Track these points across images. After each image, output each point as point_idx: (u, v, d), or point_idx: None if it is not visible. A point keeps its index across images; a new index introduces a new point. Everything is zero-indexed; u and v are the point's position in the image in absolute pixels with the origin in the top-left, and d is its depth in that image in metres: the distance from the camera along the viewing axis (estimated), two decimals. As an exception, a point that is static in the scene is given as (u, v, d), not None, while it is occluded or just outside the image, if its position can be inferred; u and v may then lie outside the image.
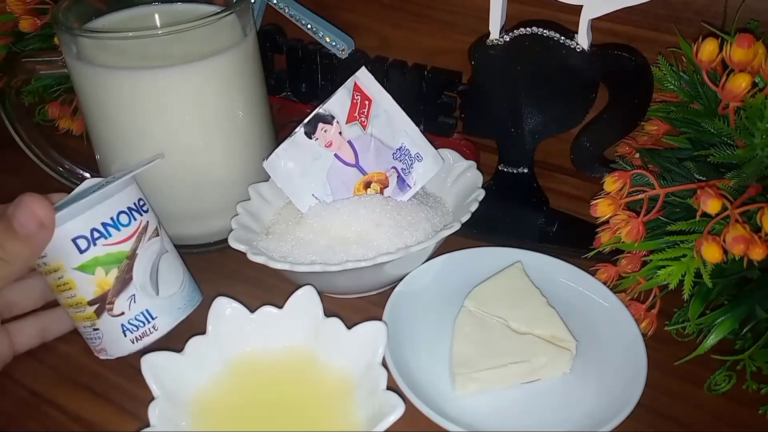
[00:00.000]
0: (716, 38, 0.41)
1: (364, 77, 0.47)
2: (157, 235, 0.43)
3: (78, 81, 0.48)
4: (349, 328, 0.39)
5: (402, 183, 0.49)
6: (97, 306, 0.41)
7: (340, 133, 0.47)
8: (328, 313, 0.41)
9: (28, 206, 0.37)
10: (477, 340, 0.42)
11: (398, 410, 0.34)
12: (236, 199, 0.49)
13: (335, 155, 0.48)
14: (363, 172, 0.48)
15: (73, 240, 0.39)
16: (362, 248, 0.45)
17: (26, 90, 0.67)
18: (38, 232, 0.38)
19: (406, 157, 0.49)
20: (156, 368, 0.37)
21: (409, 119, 0.48)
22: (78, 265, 0.40)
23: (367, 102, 0.47)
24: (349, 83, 0.47)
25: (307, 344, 0.41)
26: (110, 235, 0.40)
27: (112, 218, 0.40)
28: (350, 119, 0.47)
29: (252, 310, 0.41)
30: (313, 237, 0.46)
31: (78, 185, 0.45)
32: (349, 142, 0.47)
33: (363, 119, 0.47)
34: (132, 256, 0.41)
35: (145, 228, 0.42)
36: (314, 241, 0.46)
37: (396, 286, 0.46)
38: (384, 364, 0.37)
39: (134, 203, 0.42)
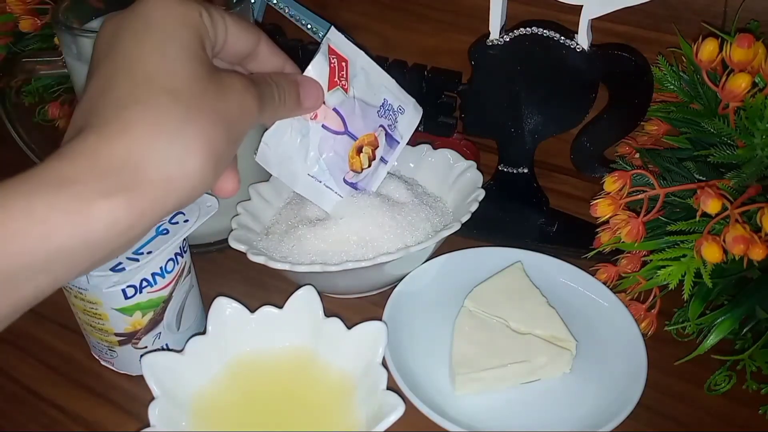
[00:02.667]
0: (716, 38, 0.41)
1: (335, 38, 0.44)
2: (189, 272, 0.43)
3: (78, 81, 0.48)
4: (349, 328, 0.39)
5: (390, 139, 0.48)
6: (123, 338, 0.41)
7: (323, 102, 0.43)
8: (328, 313, 0.41)
9: (317, 86, 0.40)
10: (477, 340, 0.42)
11: (398, 410, 0.34)
12: (236, 199, 0.49)
13: (323, 126, 0.44)
14: (353, 137, 0.46)
15: (122, 288, 0.39)
16: (362, 248, 0.45)
17: (26, 90, 0.67)
18: (313, 106, 0.39)
19: (390, 113, 0.47)
20: (156, 368, 0.37)
21: (386, 73, 0.47)
22: (119, 307, 0.39)
23: (344, 64, 0.44)
24: (323, 47, 0.43)
25: (307, 344, 0.40)
26: (156, 283, 0.40)
27: (161, 267, 0.40)
28: (332, 85, 0.43)
29: (252, 310, 0.41)
30: (313, 237, 0.46)
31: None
32: (334, 110, 0.44)
33: (344, 82, 0.44)
34: (168, 299, 0.41)
35: (183, 269, 0.42)
36: (314, 242, 0.46)
37: (396, 286, 0.46)
38: (384, 364, 0.37)
39: (180, 247, 0.41)
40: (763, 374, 0.40)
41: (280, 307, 0.41)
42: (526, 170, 0.53)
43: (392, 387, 0.37)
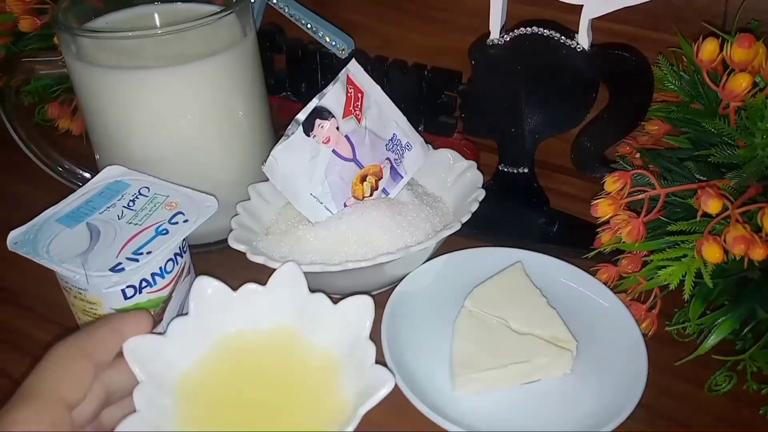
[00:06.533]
0: (717, 38, 0.41)
1: (354, 69, 0.46)
2: (189, 273, 0.43)
3: (77, 81, 0.48)
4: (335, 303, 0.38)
5: (394, 173, 0.49)
6: None
7: (337, 128, 0.46)
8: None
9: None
10: (477, 341, 0.42)
11: (388, 385, 0.32)
12: (236, 199, 0.49)
13: (333, 151, 0.46)
14: (360, 165, 0.48)
15: (122, 289, 0.39)
16: (362, 248, 0.45)
17: (26, 90, 0.67)
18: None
19: (398, 147, 0.49)
20: (139, 352, 0.35)
21: (398, 109, 0.48)
22: (119, 308, 0.39)
23: (360, 95, 0.46)
24: (342, 76, 0.46)
25: (292, 322, 0.39)
26: (156, 284, 0.40)
27: (161, 268, 0.40)
28: (346, 113, 0.46)
29: (234, 288, 0.39)
30: (313, 237, 0.46)
31: (78, 186, 0.45)
32: (346, 137, 0.46)
33: (358, 112, 0.46)
34: (168, 300, 0.41)
35: (182, 269, 0.42)
36: (314, 242, 0.46)
37: (396, 286, 0.46)
38: (372, 339, 0.35)
39: (179, 247, 0.41)
40: (764, 374, 0.40)
41: (263, 283, 0.39)
42: (526, 170, 0.53)
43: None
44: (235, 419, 0.35)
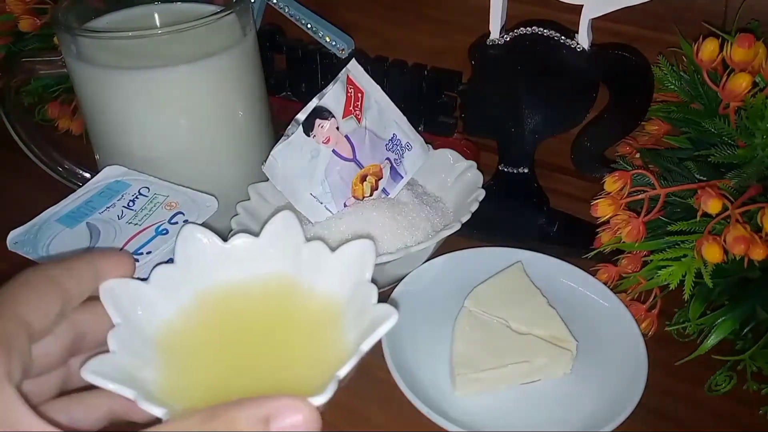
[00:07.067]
0: (717, 38, 0.41)
1: (355, 70, 0.46)
2: None
3: (77, 81, 0.48)
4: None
5: (395, 173, 0.49)
6: None
7: (337, 128, 0.46)
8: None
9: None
10: (477, 341, 0.42)
11: (391, 318, 0.29)
12: (236, 199, 0.49)
13: (333, 151, 0.47)
14: (360, 165, 0.48)
15: None
16: (362, 248, 0.45)
17: (26, 90, 0.67)
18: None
19: (398, 147, 0.49)
20: (117, 296, 0.32)
21: (398, 109, 0.48)
22: None
23: (360, 95, 0.46)
24: (342, 76, 0.46)
25: (287, 270, 0.36)
26: None
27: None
28: (346, 113, 0.46)
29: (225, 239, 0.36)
30: (312, 237, 0.46)
31: (78, 186, 0.45)
32: (346, 137, 0.47)
33: (358, 112, 0.46)
34: None
35: None
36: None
37: (396, 286, 0.46)
38: (373, 281, 0.32)
39: None
40: (764, 374, 0.40)
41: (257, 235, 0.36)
42: (526, 170, 0.53)
43: (392, 383, 0.36)
44: (228, 367, 0.32)
